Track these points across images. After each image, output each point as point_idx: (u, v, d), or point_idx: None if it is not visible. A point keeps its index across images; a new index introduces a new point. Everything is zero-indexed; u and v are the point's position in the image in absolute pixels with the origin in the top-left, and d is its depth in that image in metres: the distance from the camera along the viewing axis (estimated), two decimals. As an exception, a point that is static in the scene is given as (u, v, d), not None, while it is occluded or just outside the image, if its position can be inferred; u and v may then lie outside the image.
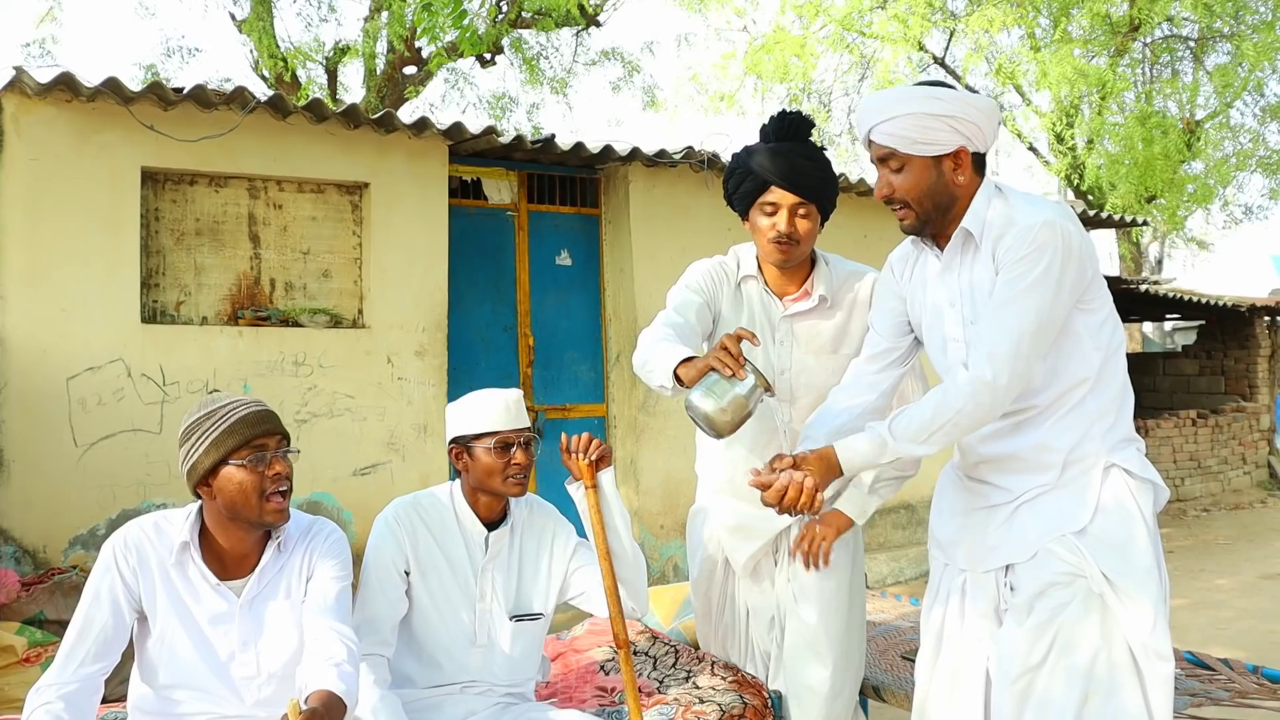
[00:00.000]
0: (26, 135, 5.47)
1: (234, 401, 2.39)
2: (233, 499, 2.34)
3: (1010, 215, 2.30)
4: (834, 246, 3.26)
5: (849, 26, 14.02)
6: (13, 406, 5.39)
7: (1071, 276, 2.22)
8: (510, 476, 2.72)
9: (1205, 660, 3.22)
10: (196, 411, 2.38)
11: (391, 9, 11.53)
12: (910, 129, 2.29)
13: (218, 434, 2.32)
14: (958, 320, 2.39)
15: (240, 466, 2.32)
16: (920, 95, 2.31)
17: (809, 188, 2.69)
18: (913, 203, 2.36)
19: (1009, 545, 2.37)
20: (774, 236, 2.71)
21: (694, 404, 2.38)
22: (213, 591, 2.40)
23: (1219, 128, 14.91)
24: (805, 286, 2.81)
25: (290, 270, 6.27)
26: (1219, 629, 6.35)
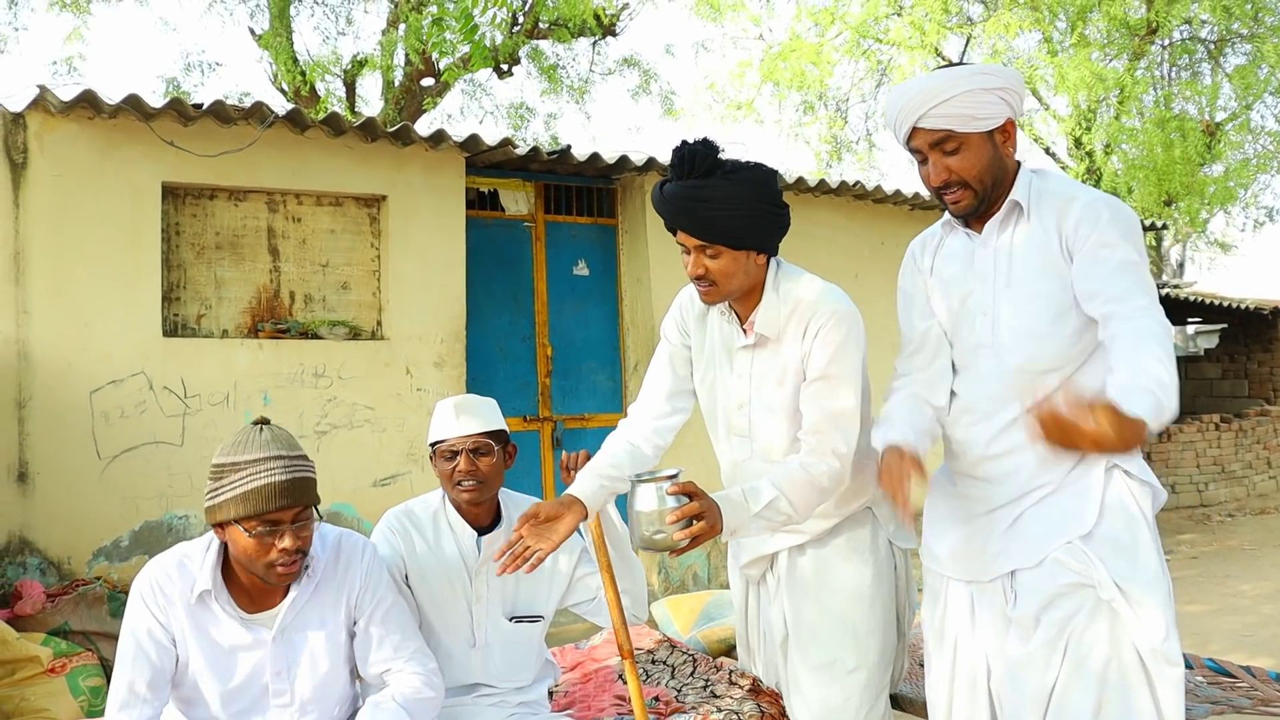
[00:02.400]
0: (50, 152, 5.53)
1: (262, 461, 2.26)
2: (240, 555, 2.31)
3: (1063, 190, 2.30)
4: (851, 254, 3.24)
5: (865, 33, 14.03)
6: (37, 420, 5.45)
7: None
8: (456, 484, 2.73)
9: (1227, 668, 3.20)
10: (227, 454, 2.28)
11: (408, 22, 11.61)
12: (968, 106, 2.25)
13: (233, 495, 2.25)
14: (989, 292, 2.36)
15: (248, 534, 2.26)
16: (971, 72, 2.28)
17: (705, 229, 2.46)
18: (973, 182, 2.31)
19: (1015, 551, 2.33)
20: (690, 279, 2.57)
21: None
22: (241, 627, 2.40)
23: (1239, 129, 14.83)
24: (750, 319, 2.62)
25: (309, 283, 6.31)
26: (1244, 635, 6.30)
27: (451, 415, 2.75)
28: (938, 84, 2.27)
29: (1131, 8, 13.65)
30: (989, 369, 2.37)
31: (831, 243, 8.01)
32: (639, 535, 2.29)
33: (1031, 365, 2.31)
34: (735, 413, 2.70)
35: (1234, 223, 17.92)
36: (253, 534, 2.25)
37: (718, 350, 2.73)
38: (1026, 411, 2.00)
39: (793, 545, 2.74)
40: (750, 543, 2.81)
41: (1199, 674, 3.15)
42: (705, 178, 2.46)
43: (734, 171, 2.48)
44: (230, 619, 2.40)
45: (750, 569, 2.87)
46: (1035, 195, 2.32)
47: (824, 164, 15.25)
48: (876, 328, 2.69)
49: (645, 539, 2.28)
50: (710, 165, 2.46)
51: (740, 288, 2.56)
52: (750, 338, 2.62)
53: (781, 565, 2.76)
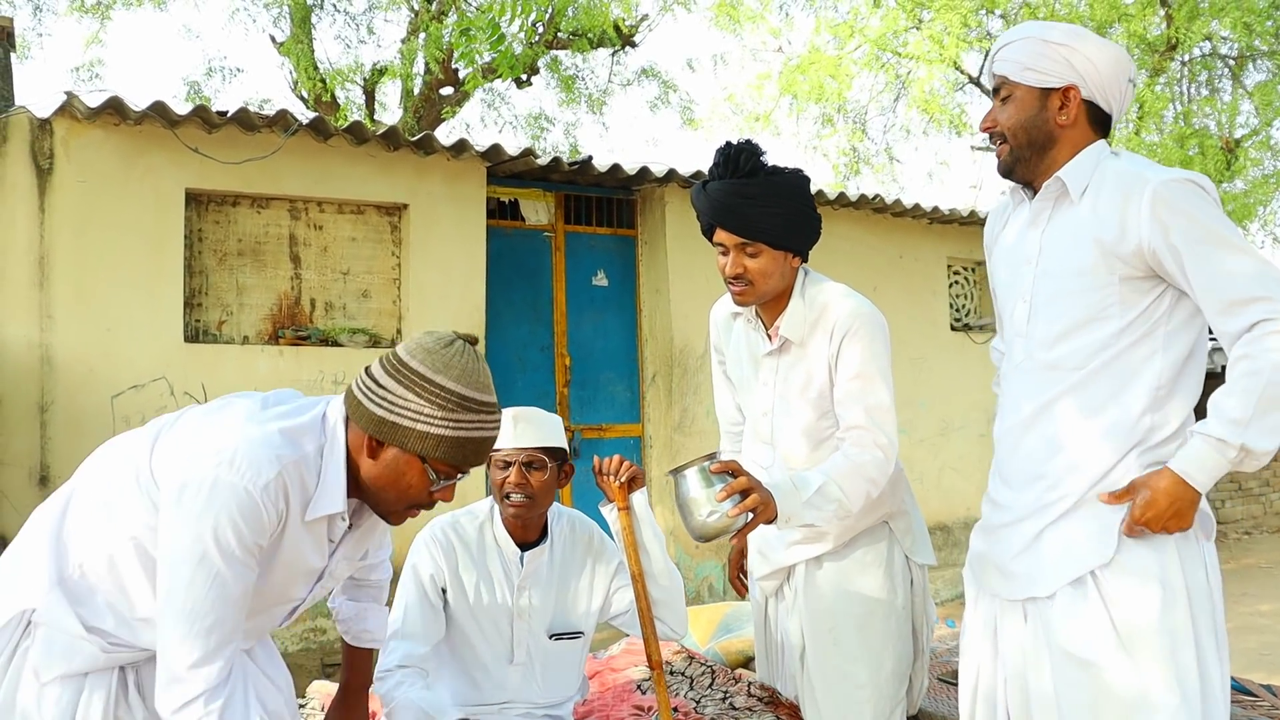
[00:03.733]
0: (76, 158, 5.58)
1: (489, 410, 1.94)
2: (385, 483, 1.95)
3: (1136, 170, 2.14)
4: (869, 267, 3.25)
5: (884, 47, 14.03)
6: (58, 424, 5.49)
7: None
8: (505, 495, 2.68)
9: (1248, 686, 3.19)
10: (457, 380, 1.90)
11: (428, 31, 11.66)
12: (1021, 54, 2.21)
13: (446, 435, 1.89)
14: (1030, 276, 2.26)
15: (423, 474, 1.93)
16: (1042, 24, 2.25)
17: (749, 227, 2.49)
18: (1009, 134, 2.24)
19: (1032, 576, 2.22)
20: (727, 279, 2.58)
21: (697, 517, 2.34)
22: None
23: (1259, 146, 14.77)
24: (776, 324, 2.65)
25: (330, 290, 6.35)
26: (1262, 654, 6.27)
27: (509, 425, 2.67)
28: (1013, 30, 2.27)
29: (1152, 24, 13.63)
30: (1020, 362, 2.29)
31: (850, 256, 8.01)
32: (694, 524, 2.27)
33: (1059, 364, 2.20)
34: (760, 420, 2.74)
35: (1253, 240, 17.80)
36: (431, 476, 1.94)
37: (744, 359, 2.78)
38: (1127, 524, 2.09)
39: (810, 558, 2.75)
40: (769, 555, 2.82)
41: (1220, 693, 3.14)
42: (750, 177, 2.50)
43: (775, 173, 2.54)
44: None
45: (767, 582, 2.88)
46: (1097, 177, 2.18)
47: (842, 177, 15.24)
48: (893, 341, 2.67)
49: (700, 525, 2.26)
50: (754, 165, 2.51)
51: (774, 289, 2.59)
52: (775, 343, 2.66)
53: (799, 578, 2.78)
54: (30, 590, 1.93)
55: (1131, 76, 2.25)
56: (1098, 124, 2.25)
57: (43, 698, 1.89)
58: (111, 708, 1.93)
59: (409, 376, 1.89)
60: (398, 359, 1.92)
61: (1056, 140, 2.22)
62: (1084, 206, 2.18)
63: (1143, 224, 2.07)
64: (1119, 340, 2.14)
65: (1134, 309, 2.13)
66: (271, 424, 1.90)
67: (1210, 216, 2.06)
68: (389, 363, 1.93)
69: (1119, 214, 2.11)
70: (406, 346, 1.94)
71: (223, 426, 1.90)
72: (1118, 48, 2.27)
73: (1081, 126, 2.23)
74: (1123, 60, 2.23)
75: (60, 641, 1.90)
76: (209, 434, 1.89)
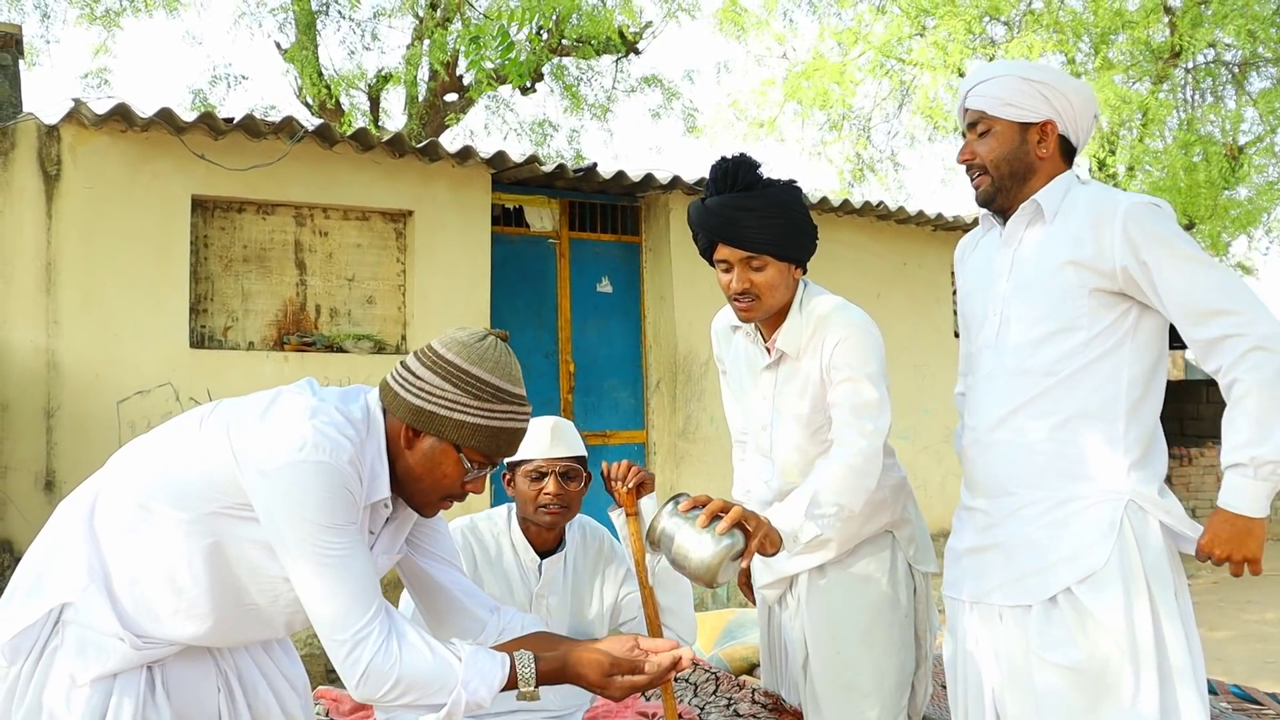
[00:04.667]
0: (83, 164, 5.61)
1: (520, 402, 2.02)
2: (421, 471, 1.99)
3: (1104, 195, 2.29)
4: (873, 274, 3.27)
5: (888, 53, 14.05)
6: (64, 429, 5.51)
7: None
8: (541, 506, 2.70)
9: (1252, 694, 3.20)
10: (490, 371, 1.97)
11: (433, 38, 11.69)
12: (1002, 90, 2.33)
13: (480, 424, 1.95)
14: (1002, 291, 2.37)
15: (458, 464, 1.97)
16: (1017, 62, 2.40)
17: (753, 240, 2.48)
18: (990, 166, 2.36)
19: (1012, 585, 2.30)
20: (732, 295, 2.56)
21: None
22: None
23: (1263, 153, 14.77)
24: (774, 338, 2.64)
25: (335, 296, 6.37)
26: (1267, 662, 6.26)
27: (546, 435, 2.70)
28: (984, 69, 2.40)
29: (1155, 31, 13.63)
30: (989, 371, 2.38)
31: (854, 263, 8.02)
32: (694, 565, 2.21)
33: (1029, 370, 2.30)
34: (760, 434, 2.75)
35: (1256, 246, 17.79)
36: (466, 464, 1.97)
37: (744, 372, 2.78)
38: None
39: (813, 567, 2.76)
40: (772, 563, 2.82)
41: (1224, 700, 3.15)
42: (748, 190, 2.50)
43: (771, 185, 2.54)
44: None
45: (769, 590, 2.89)
46: (1068, 201, 2.31)
47: (847, 183, 15.26)
48: (897, 348, 2.69)
49: (701, 563, 2.20)
50: (752, 178, 2.52)
51: (779, 302, 2.59)
52: (773, 356, 2.66)
53: (801, 587, 2.78)
54: (64, 586, 1.93)
55: (1096, 113, 2.41)
56: (1066, 155, 2.40)
57: (72, 699, 1.89)
58: (140, 709, 1.94)
59: (445, 367, 1.95)
60: (433, 351, 1.97)
61: (1036, 171, 2.36)
62: (1056, 227, 2.31)
63: (1115, 242, 2.20)
64: (1087, 350, 2.25)
65: (1101, 321, 2.25)
66: (331, 408, 1.94)
67: (1176, 235, 2.20)
68: (424, 355, 1.98)
69: (1093, 234, 2.23)
70: (441, 340, 1.99)
71: (290, 416, 1.92)
72: (1087, 86, 2.43)
73: (1055, 158, 2.37)
74: (1092, 98, 2.40)
75: (93, 641, 1.90)
76: (272, 424, 1.92)
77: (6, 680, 1.93)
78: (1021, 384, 2.30)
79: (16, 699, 1.92)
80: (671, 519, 2.24)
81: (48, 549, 2.01)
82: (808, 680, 2.77)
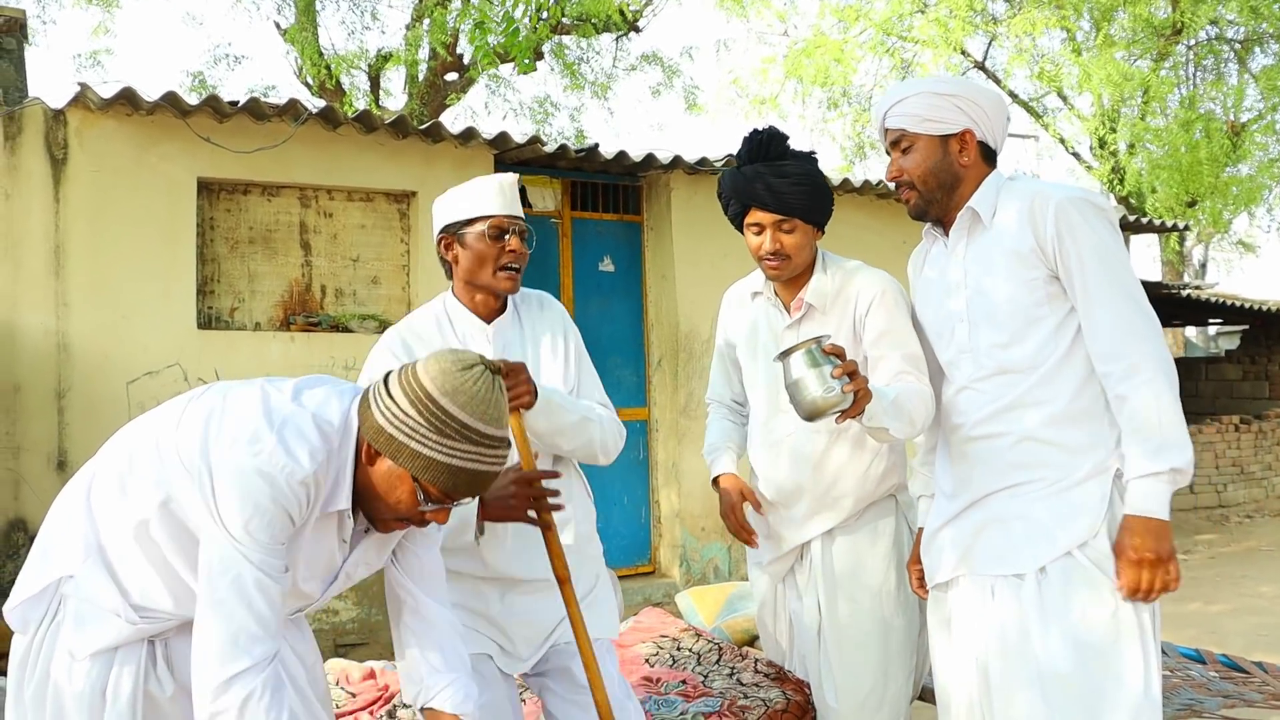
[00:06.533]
0: (89, 148, 5.66)
1: (488, 443, 1.90)
2: (377, 492, 1.95)
3: (1033, 189, 2.39)
4: (874, 251, 3.36)
5: (889, 31, 14.06)
6: (75, 410, 5.59)
7: None
8: (502, 266, 2.51)
9: (1240, 663, 3.28)
10: (460, 406, 1.87)
11: (433, 17, 11.70)
12: (918, 108, 2.43)
13: (440, 460, 1.87)
14: (963, 298, 2.45)
15: (412, 493, 1.92)
16: (928, 79, 2.52)
17: (785, 205, 2.70)
18: (918, 181, 2.47)
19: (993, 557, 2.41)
20: (762, 255, 2.75)
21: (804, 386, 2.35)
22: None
23: (1264, 130, 14.79)
24: (799, 295, 2.82)
25: (340, 277, 6.43)
26: (1260, 634, 6.35)
27: (498, 190, 2.55)
28: (897, 88, 2.52)
29: (1157, 7, 13.63)
30: (970, 375, 2.45)
31: (855, 241, 8.04)
32: (806, 399, 2.31)
33: (1010, 368, 2.38)
34: (780, 392, 2.81)
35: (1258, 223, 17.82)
36: (420, 498, 1.92)
37: (763, 336, 2.90)
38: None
39: (824, 532, 2.86)
40: (784, 535, 2.91)
41: (1212, 669, 3.23)
42: (780, 159, 2.72)
43: (798, 155, 2.76)
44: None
45: (776, 565, 2.97)
46: (1002, 201, 2.42)
47: (849, 159, 15.30)
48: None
49: (813, 400, 2.31)
50: (783, 149, 2.74)
51: (804, 262, 2.79)
52: (797, 314, 2.81)
53: (814, 554, 2.88)
54: (65, 559, 1.99)
55: (1009, 116, 2.54)
56: (988, 159, 2.50)
57: (73, 671, 1.95)
58: (141, 680, 1.99)
59: (417, 393, 1.87)
60: (413, 372, 1.91)
61: (961, 179, 2.47)
62: (995, 228, 2.42)
63: (1048, 231, 2.31)
64: (1059, 336, 2.35)
65: (1063, 306, 2.35)
66: (305, 417, 1.92)
67: (1099, 230, 2.30)
68: (405, 373, 1.92)
69: (1030, 226, 2.34)
70: (427, 361, 1.92)
71: (255, 411, 1.91)
72: (998, 92, 2.60)
73: (978, 163, 2.47)
74: (1003, 103, 2.53)
75: (91, 615, 1.95)
76: (240, 418, 1.91)
77: (19, 650, 2.00)
78: (1009, 381, 2.38)
79: (28, 669, 1.99)
80: (807, 357, 2.33)
81: (53, 524, 2.07)
82: (821, 647, 2.87)
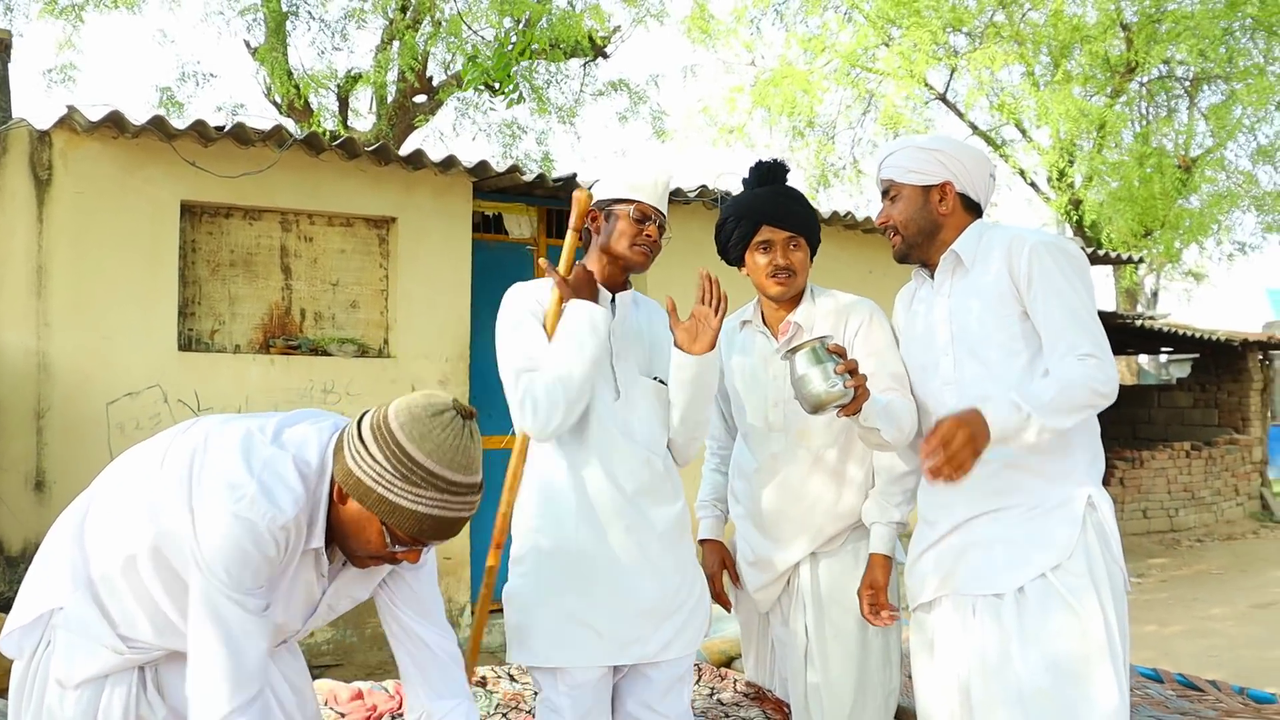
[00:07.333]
0: (74, 169, 5.73)
1: (456, 491, 1.91)
2: (346, 531, 1.99)
3: (1010, 235, 2.58)
4: (839, 280, 3.53)
5: (854, 62, 14.34)
6: (55, 430, 5.63)
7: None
8: (636, 244, 2.71)
9: (1195, 682, 3.45)
10: (425, 454, 1.87)
11: (404, 40, 11.80)
12: (904, 160, 2.69)
13: (405, 507, 1.88)
14: (948, 334, 2.64)
15: (380, 535, 1.93)
16: (917, 136, 2.84)
17: (795, 223, 2.91)
18: (901, 227, 2.70)
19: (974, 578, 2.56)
20: (771, 271, 2.91)
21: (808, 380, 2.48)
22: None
23: (1214, 165, 15.22)
24: (788, 318, 2.98)
25: (320, 301, 6.52)
26: (1210, 655, 6.57)
27: (652, 185, 2.76)
28: (893, 143, 2.79)
29: (1112, 46, 14.02)
30: (953, 406, 2.57)
31: (821, 270, 8.14)
32: (811, 394, 2.45)
33: (991, 399, 2.48)
34: (772, 410, 2.98)
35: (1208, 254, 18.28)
36: (387, 541, 1.93)
37: (754, 360, 3.04)
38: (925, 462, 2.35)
39: (808, 555, 2.98)
40: (770, 560, 3.02)
41: (1169, 688, 3.40)
42: (785, 184, 2.99)
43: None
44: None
45: (765, 591, 3.06)
46: (983, 246, 2.61)
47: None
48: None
49: (817, 395, 2.44)
50: (786, 175, 3.01)
51: (803, 283, 2.99)
52: (784, 338, 2.96)
53: (803, 577, 3.00)
54: (55, 590, 2.04)
55: (992, 172, 2.76)
56: (971, 209, 2.71)
57: (64, 699, 2.01)
58: (133, 705, 2.05)
59: (385, 437, 1.88)
60: (384, 416, 1.91)
61: (941, 226, 2.69)
62: (977, 269, 2.61)
63: (1021, 269, 2.51)
64: (1032, 370, 2.52)
65: (1036, 340, 2.53)
66: (286, 461, 1.95)
67: (1065, 272, 2.49)
68: (377, 415, 1.93)
69: (1007, 264, 2.53)
70: (398, 404, 1.92)
71: (236, 456, 1.94)
72: (979, 150, 2.81)
73: (958, 213, 2.69)
74: (984, 159, 2.75)
75: (80, 646, 2.00)
76: (221, 462, 1.94)
77: (16, 675, 2.07)
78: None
79: (25, 696, 2.06)
80: (814, 352, 2.48)
81: (46, 554, 2.13)
82: (808, 667, 2.98)
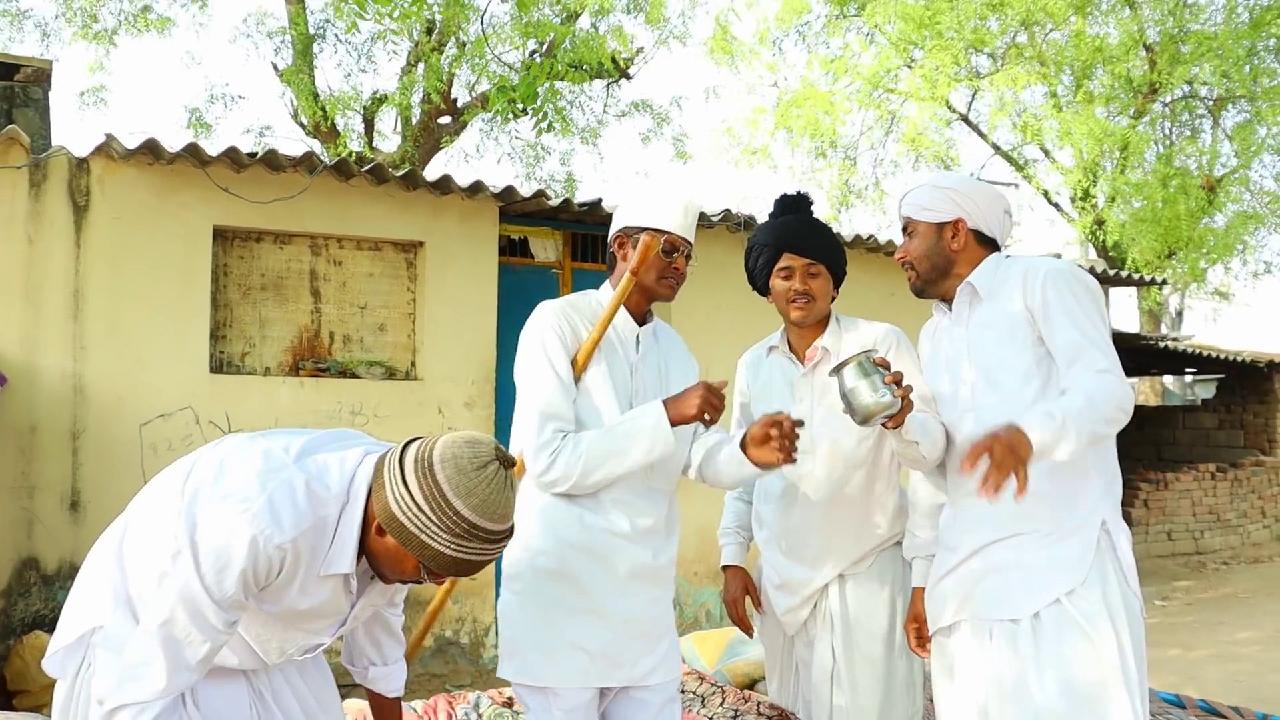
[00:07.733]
0: (110, 195, 5.86)
1: (493, 539, 2.01)
2: (382, 561, 2.08)
3: (1025, 265, 2.67)
4: (862, 303, 3.60)
5: (876, 83, 14.41)
6: (89, 451, 5.73)
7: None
8: (665, 278, 2.74)
9: (1217, 708, 3.47)
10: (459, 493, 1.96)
11: (429, 62, 11.94)
12: (920, 198, 2.78)
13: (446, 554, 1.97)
14: (967, 363, 2.71)
15: (416, 569, 2.03)
16: (933, 174, 2.85)
17: (815, 250, 2.99)
18: (915, 262, 2.80)
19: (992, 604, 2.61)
20: (791, 296, 3.00)
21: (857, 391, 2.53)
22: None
23: (1238, 184, 15.20)
24: (814, 344, 3.07)
25: (348, 324, 6.61)
26: (1236, 680, 6.54)
27: (682, 213, 2.77)
28: (912, 180, 2.88)
29: (1134, 66, 14.03)
30: (971, 432, 2.64)
31: (843, 293, 8.22)
32: (861, 406, 2.51)
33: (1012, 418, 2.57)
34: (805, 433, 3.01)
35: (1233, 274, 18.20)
36: (416, 570, 2.04)
37: (778, 385, 3.13)
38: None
39: (835, 576, 3.05)
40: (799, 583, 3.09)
41: (1191, 714, 3.42)
42: (809, 214, 3.09)
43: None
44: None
45: (793, 614, 3.12)
46: (999, 277, 2.70)
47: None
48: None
49: (867, 406, 2.50)
50: (809, 206, 3.11)
51: (823, 310, 3.07)
52: (811, 363, 3.06)
53: (831, 598, 3.06)
54: (96, 609, 2.09)
55: (1008, 209, 2.82)
56: (985, 244, 2.78)
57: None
58: None
59: (430, 488, 1.95)
60: (429, 463, 1.97)
61: (954, 261, 2.77)
62: (995, 299, 2.70)
63: (1035, 295, 2.58)
64: (1045, 396, 2.58)
65: (1050, 365, 2.59)
66: (300, 484, 2.00)
67: (1079, 297, 2.56)
68: (421, 460, 1.98)
69: (1022, 292, 2.61)
70: (444, 452, 1.97)
71: (253, 469, 2.00)
72: (994, 188, 2.89)
73: (971, 248, 2.77)
74: (998, 197, 2.83)
75: (117, 665, 2.01)
76: (239, 474, 2.00)
77: (61, 694, 2.12)
78: None
79: (70, 716, 2.10)
80: (861, 366, 2.54)
81: (87, 574, 2.18)
82: (834, 689, 3.03)
